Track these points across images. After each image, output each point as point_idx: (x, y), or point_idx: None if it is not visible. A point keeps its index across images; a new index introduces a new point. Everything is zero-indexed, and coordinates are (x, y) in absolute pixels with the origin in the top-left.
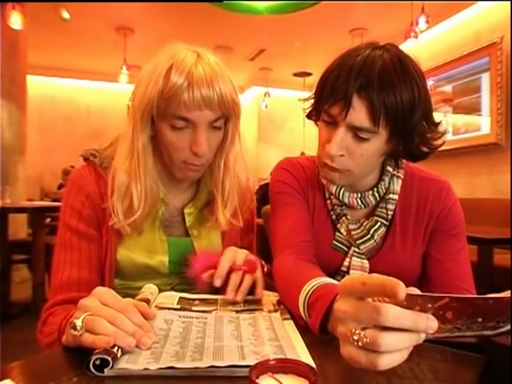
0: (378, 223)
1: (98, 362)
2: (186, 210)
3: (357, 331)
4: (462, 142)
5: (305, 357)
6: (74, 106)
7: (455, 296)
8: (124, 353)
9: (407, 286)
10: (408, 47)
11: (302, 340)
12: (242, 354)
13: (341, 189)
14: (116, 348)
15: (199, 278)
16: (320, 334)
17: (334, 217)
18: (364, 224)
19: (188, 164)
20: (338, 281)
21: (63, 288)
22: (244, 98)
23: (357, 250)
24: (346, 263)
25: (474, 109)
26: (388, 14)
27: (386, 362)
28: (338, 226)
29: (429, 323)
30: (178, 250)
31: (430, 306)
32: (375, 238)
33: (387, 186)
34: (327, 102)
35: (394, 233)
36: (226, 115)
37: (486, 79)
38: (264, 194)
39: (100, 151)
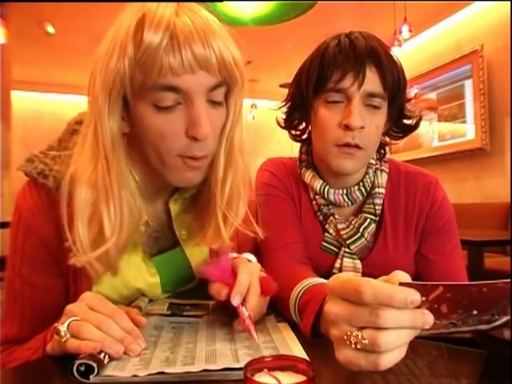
0: (368, 220)
1: (83, 369)
2: (172, 205)
3: (353, 333)
4: (448, 148)
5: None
6: (60, 121)
7: (449, 284)
8: (111, 359)
9: None
10: None
11: (297, 341)
12: (236, 356)
13: (325, 186)
14: (103, 354)
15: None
16: (312, 337)
17: (321, 217)
18: (353, 222)
19: (186, 159)
20: None
21: (13, 344)
22: None
23: (347, 250)
24: (337, 265)
25: (459, 115)
26: (372, 23)
27: (388, 360)
28: (327, 226)
29: (425, 319)
30: (169, 267)
31: (424, 299)
32: (366, 236)
33: (372, 179)
34: (331, 79)
35: (385, 230)
36: (228, 82)
37: (469, 86)
38: None
39: (50, 166)
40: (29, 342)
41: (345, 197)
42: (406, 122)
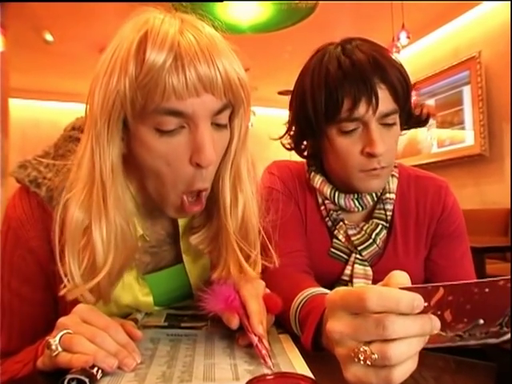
0: (379, 226)
1: None
2: (180, 220)
3: (361, 349)
4: (448, 154)
5: (304, 373)
6: (58, 129)
7: (449, 284)
8: (105, 374)
9: None
10: None
11: (299, 355)
12: (235, 372)
13: (335, 191)
14: (96, 369)
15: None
16: (314, 350)
17: (329, 223)
18: (364, 228)
19: (189, 192)
20: None
21: (2, 357)
22: None
23: (359, 256)
24: (347, 271)
25: (457, 121)
26: (370, 30)
27: (400, 373)
28: (335, 232)
29: (433, 323)
30: (165, 286)
31: (426, 304)
32: (378, 242)
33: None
34: (342, 108)
35: (395, 236)
36: (233, 104)
37: (467, 92)
38: None
39: (43, 173)
40: (19, 355)
41: (355, 201)
42: (415, 120)
